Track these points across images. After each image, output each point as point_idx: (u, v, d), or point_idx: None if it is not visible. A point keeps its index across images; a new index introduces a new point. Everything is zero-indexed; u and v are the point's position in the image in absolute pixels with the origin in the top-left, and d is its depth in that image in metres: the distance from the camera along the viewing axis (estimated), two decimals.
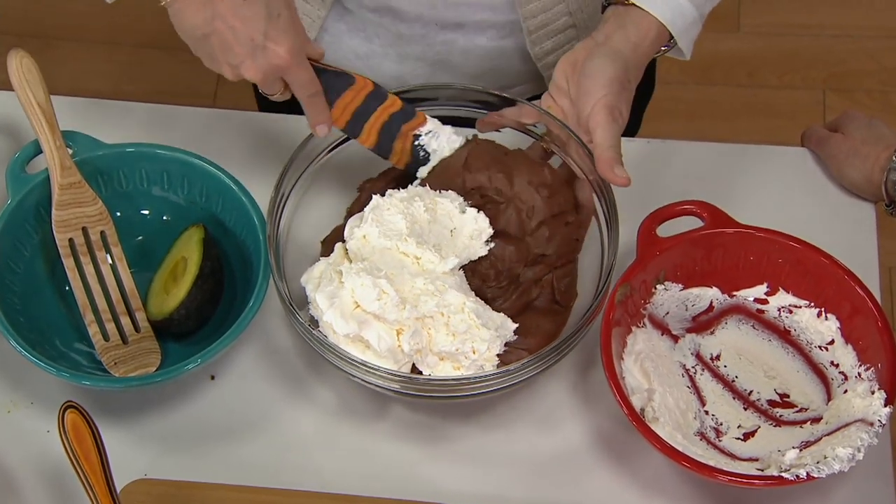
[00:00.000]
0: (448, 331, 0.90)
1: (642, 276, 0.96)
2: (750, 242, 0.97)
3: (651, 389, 0.92)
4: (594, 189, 0.97)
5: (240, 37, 0.90)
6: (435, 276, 0.93)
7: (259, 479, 0.93)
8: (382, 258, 0.93)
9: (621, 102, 0.96)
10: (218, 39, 0.90)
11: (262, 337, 0.99)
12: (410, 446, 0.95)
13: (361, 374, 0.90)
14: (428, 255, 0.93)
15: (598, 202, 0.97)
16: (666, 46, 1.02)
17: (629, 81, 0.97)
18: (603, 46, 0.98)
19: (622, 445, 0.94)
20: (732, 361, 0.98)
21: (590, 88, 0.96)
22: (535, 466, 0.94)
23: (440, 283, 0.92)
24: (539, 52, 1.10)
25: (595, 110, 0.95)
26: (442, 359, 0.91)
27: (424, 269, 0.93)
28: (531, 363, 0.89)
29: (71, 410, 0.87)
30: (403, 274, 0.92)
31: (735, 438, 0.93)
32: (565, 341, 0.90)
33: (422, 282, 0.91)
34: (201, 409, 0.97)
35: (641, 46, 0.98)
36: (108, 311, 0.98)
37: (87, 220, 0.99)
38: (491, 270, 0.96)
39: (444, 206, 0.96)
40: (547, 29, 1.08)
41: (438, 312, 0.90)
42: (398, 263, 0.93)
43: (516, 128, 1.01)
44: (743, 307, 0.99)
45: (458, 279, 0.94)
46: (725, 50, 2.09)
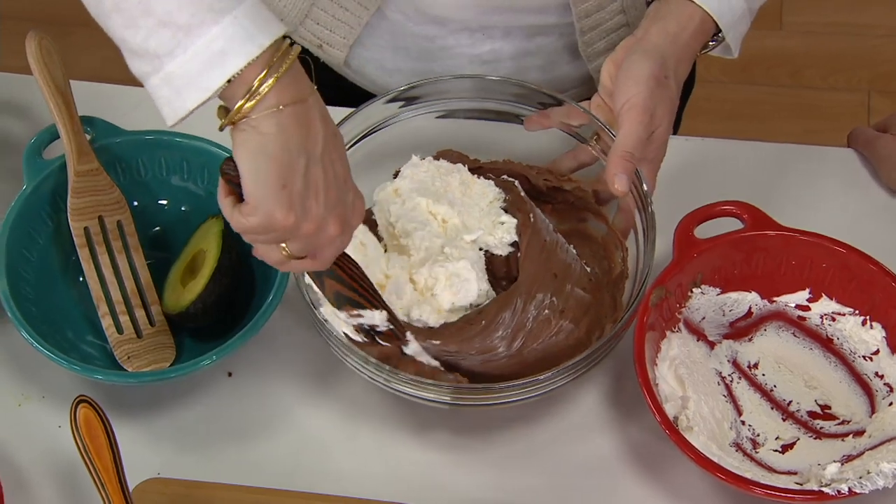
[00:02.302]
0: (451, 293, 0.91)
1: (678, 279, 0.95)
2: (792, 246, 0.96)
3: (685, 397, 0.91)
4: (632, 194, 0.96)
5: (339, 176, 0.77)
6: (456, 243, 0.92)
7: (275, 480, 0.92)
8: (408, 214, 0.93)
9: (656, 100, 0.94)
10: (320, 174, 0.75)
11: (280, 334, 0.99)
12: (433, 452, 0.94)
13: (382, 378, 0.89)
14: (455, 220, 0.93)
15: (635, 206, 0.96)
16: (713, 41, 1.00)
17: (666, 77, 0.95)
18: (641, 42, 0.97)
19: (654, 455, 0.93)
20: (771, 370, 0.96)
21: (622, 87, 0.95)
22: (562, 476, 0.93)
23: (458, 251, 0.92)
24: (591, 52, 1.08)
25: (623, 109, 0.94)
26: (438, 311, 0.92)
27: (447, 234, 0.93)
28: (561, 373, 0.88)
29: (84, 405, 0.86)
30: (425, 230, 0.92)
31: (773, 450, 0.92)
32: (597, 350, 0.89)
33: (440, 242, 0.91)
34: (217, 406, 0.96)
35: (681, 37, 0.97)
36: (122, 304, 0.98)
37: (104, 208, 0.98)
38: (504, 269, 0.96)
39: (481, 187, 0.95)
40: (600, 29, 1.07)
41: (445, 278, 0.91)
42: (423, 221, 0.93)
43: (563, 129, 1.00)
44: (783, 313, 0.98)
45: (477, 255, 0.94)
46: (767, 48, 2.08)
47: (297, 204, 0.75)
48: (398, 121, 1.01)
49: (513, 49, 1.07)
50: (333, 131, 0.77)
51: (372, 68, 1.10)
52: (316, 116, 0.75)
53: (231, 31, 0.71)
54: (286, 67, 0.73)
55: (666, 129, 0.96)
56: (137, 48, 0.73)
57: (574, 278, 0.94)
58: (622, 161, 0.92)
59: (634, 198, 0.95)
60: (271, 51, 0.73)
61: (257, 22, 0.72)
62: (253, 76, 0.72)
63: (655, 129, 0.95)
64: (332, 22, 1.07)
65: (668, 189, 1.03)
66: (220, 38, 0.71)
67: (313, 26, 1.08)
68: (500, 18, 1.04)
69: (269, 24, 0.73)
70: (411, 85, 1.00)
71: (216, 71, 0.72)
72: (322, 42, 1.08)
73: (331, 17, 1.07)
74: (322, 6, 1.06)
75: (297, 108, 0.74)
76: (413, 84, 1.00)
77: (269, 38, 0.72)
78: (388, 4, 1.04)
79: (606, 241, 0.99)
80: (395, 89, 0.99)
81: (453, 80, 1.00)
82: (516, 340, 0.92)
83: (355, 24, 1.06)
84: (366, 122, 0.99)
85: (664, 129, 0.95)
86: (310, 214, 0.76)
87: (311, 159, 0.75)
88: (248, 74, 0.72)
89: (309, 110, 0.75)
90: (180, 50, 0.71)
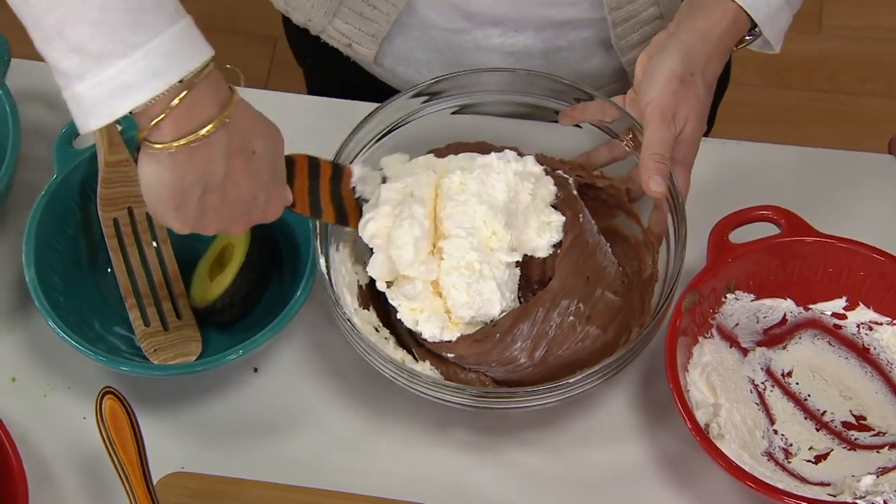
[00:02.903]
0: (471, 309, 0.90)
1: (712, 284, 0.94)
2: (830, 253, 0.95)
3: (717, 404, 0.91)
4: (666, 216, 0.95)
5: (243, 197, 0.81)
6: (490, 259, 0.91)
7: (300, 478, 0.92)
8: (460, 217, 0.91)
9: (678, 102, 0.93)
10: (218, 199, 0.80)
11: (307, 331, 0.98)
12: (457, 453, 0.94)
13: (403, 379, 0.89)
14: (502, 241, 0.91)
15: (667, 208, 0.95)
16: (750, 36, 0.98)
17: (692, 75, 0.94)
18: (671, 38, 0.95)
19: (684, 463, 0.92)
20: (805, 379, 0.95)
21: (646, 87, 0.94)
22: (587, 481, 0.93)
23: (489, 268, 0.90)
24: (624, 45, 1.07)
25: (647, 111, 0.93)
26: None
27: (489, 246, 0.92)
28: (586, 379, 0.87)
29: (109, 396, 0.86)
30: (466, 240, 0.90)
31: (805, 461, 0.91)
32: (623, 356, 0.88)
33: (475, 257, 0.90)
34: (242, 402, 0.96)
35: (712, 34, 0.95)
36: (149, 296, 0.98)
37: (134, 199, 0.98)
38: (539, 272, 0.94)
39: (547, 191, 0.95)
40: (633, 21, 1.05)
41: (467, 294, 0.89)
42: (469, 229, 0.91)
43: (597, 124, 0.99)
44: (819, 322, 0.97)
45: (508, 275, 0.92)
46: (805, 52, 2.05)
47: (193, 221, 0.81)
48: (422, 115, 1.00)
49: (544, 44, 1.06)
50: (247, 151, 0.79)
51: (402, 66, 1.10)
52: (217, 152, 0.77)
53: (140, 66, 0.73)
54: (178, 102, 0.74)
55: (693, 129, 0.94)
56: (52, 63, 0.76)
57: (607, 282, 0.94)
58: (654, 163, 0.92)
59: (667, 199, 0.94)
60: (183, 85, 0.74)
61: (171, 57, 0.74)
62: (158, 110, 0.74)
63: (680, 129, 0.94)
64: (361, 20, 1.07)
65: (704, 192, 1.02)
66: (128, 71, 0.73)
67: (342, 25, 1.08)
68: (533, 12, 1.04)
69: (185, 57, 0.74)
70: (438, 79, 0.98)
71: (120, 101, 0.74)
72: (351, 41, 1.08)
73: (359, 15, 1.06)
74: (350, 5, 1.06)
75: (192, 146, 0.76)
76: (441, 77, 0.99)
77: (179, 74, 0.74)
78: (419, 0, 1.04)
79: (638, 242, 0.98)
80: (424, 83, 0.98)
81: (483, 73, 0.99)
82: (538, 350, 0.91)
83: (384, 22, 1.06)
84: (393, 117, 0.98)
85: (692, 129, 0.94)
86: (207, 228, 0.82)
87: (207, 187, 0.79)
88: (153, 108, 0.74)
89: (207, 146, 0.77)
90: (90, 76, 0.74)
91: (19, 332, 0.99)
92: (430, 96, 0.99)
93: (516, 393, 0.89)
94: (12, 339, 0.99)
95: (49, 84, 1.09)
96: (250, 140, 0.80)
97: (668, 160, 0.92)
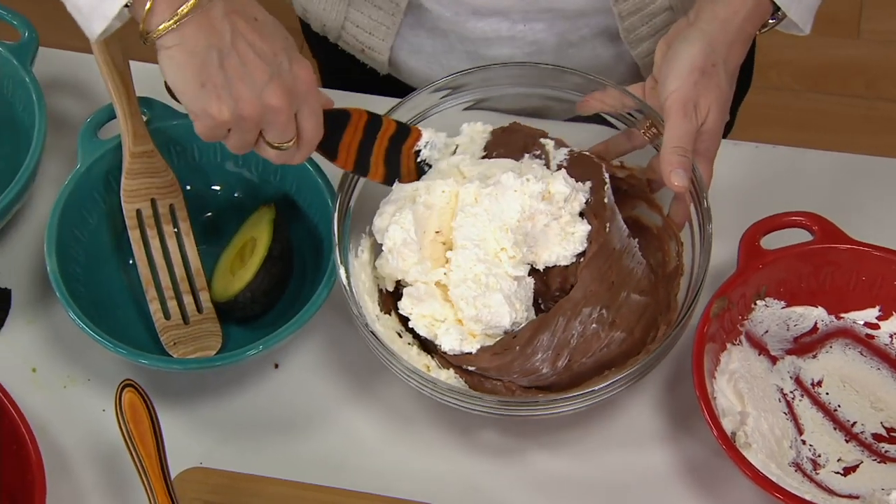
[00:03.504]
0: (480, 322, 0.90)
1: (742, 290, 0.93)
2: (864, 261, 0.94)
3: (744, 413, 0.90)
4: (689, 208, 0.94)
5: (263, 54, 0.81)
6: (496, 271, 0.90)
7: (318, 476, 0.91)
8: (469, 229, 0.91)
9: (699, 93, 0.92)
10: (237, 62, 0.81)
11: (330, 329, 0.98)
12: (476, 456, 0.93)
13: (427, 390, 0.89)
14: (512, 257, 0.91)
15: (691, 200, 0.94)
16: (773, 19, 0.96)
17: (713, 65, 0.92)
18: (690, 27, 0.94)
19: (709, 472, 0.92)
20: (835, 389, 0.94)
21: (666, 78, 0.93)
22: (610, 487, 0.92)
23: (494, 280, 0.90)
24: (634, 38, 1.06)
25: (667, 104, 0.92)
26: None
27: (497, 258, 0.91)
28: (611, 385, 0.87)
29: (129, 389, 0.86)
30: (472, 251, 0.90)
31: (834, 472, 0.90)
32: (649, 361, 0.87)
33: (482, 270, 0.90)
34: (262, 398, 0.96)
35: (733, 22, 0.93)
36: (170, 289, 0.98)
37: (157, 191, 0.99)
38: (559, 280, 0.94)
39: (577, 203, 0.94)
40: (641, 14, 1.04)
41: (474, 308, 0.89)
42: (477, 241, 0.91)
43: (615, 113, 0.98)
44: (851, 331, 0.96)
45: (517, 286, 0.91)
46: (842, 57, 2.04)
47: (224, 94, 0.82)
48: (440, 110, 0.99)
49: (556, 38, 1.06)
50: (248, 15, 0.82)
51: (415, 59, 1.10)
52: (216, 14, 0.81)
53: None
54: None
55: (716, 120, 0.93)
56: None
57: (633, 283, 0.93)
58: (677, 156, 0.91)
59: (690, 191, 0.93)
60: None
61: None
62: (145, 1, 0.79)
63: (702, 120, 0.92)
64: (370, 23, 1.07)
65: (736, 197, 1.02)
66: None
67: (353, 29, 1.08)
68: (540, 6, 1.03)
69: None
70: (455, 74, 0.98)
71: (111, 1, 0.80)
72: (364, 46, 1.08)
73: (367, 17, 1.07)
74: (357, 6, 1.06)
75: (191, 16, 0.80)
76: (460, 72, 0.98)
77: None
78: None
79: (661, 232, 0.97)
80: (441, 78, 0.98)
81: (501, 67, 0.99)
82: (560, 359, 0.90)
83: (391, 23, 1.06)
84: (411, 113, 0.98)
85: (713, 120, 0.93)
86: (242, 98, 0.82)
87: (221, 52, 0.81)
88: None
89: (205, 12, 0.80)
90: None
91: (40, 323, 0.99)
92: (450, 91, 0.99)
93: (538, 402, 0.88)
94: (33, 330, 0.99)
95: (76, 73, 1.11)
96: (247, 8, 0.82)
97: (691, 153, 0.91)
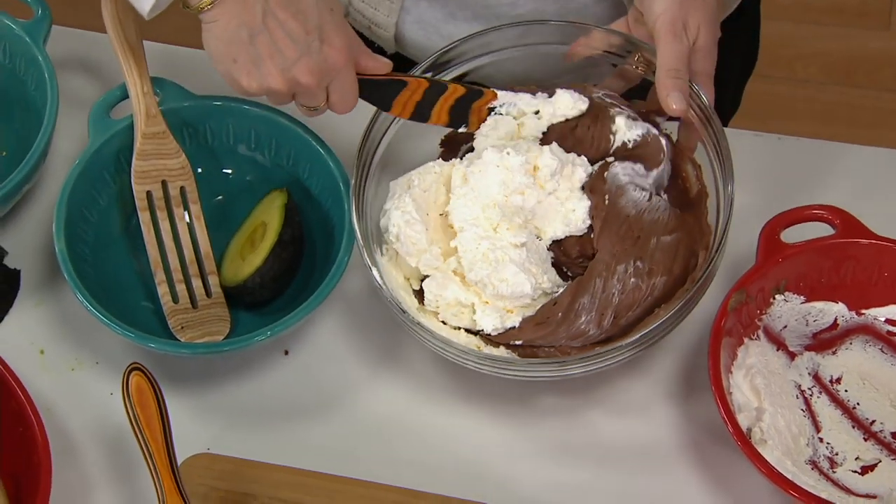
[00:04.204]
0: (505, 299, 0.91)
1: (760, 284, 0.92)
2: (886, 256, 0.93)
3: (761, 409, 0.89)
4: (693, 109, 0.93)
5: (293, 33, 0.86)
6: (500, 243, 0.91)
7: (327, 464, 0.91)
8: (457, 202, 0.92)
9: (686, 13, 0.91)
10: (267, 39, 0.86)
11: (341, 314, 0.98)
12: (491, 440, 0.93)
13: (487, 367, 0.89)
14: (509, 229, 0.92)
15: (699, 120, 0.93)
16: None
17: None
18: None
19: (723, 467, 0.91)
20: (855, 386, 0.94)
21: (651, 4, 0.92)
22: (621, 475, 0.92)
23: (501, 253, 0.90)
24: None
25: (656, 28, 0.91)
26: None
27: (494, 233, 0.92)
28: (667, 322, 0.87)
29: (136, 373, 0.86)
30: (471, 232, 0.91)
31: (851, 471, 0.90)
32: (698, 288, 0.87)
33: (486, 246, 0.90)
34: (272, 385, 0.96)
35: None
36: (179, 272, 0.98)
37: (168, 173, 0.98)
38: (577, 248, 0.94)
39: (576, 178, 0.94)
40: None
41: (486, 277, 0.90)
42: (472, 222, 0.92)
43: (604, 54, 0.97)
44: (872, 328, 0.95)
45: (525, 253, 0.92)
46: (872, 49, 2.02)
47: (253, 70, 0.87)
48: None
49: (556, 7, 1.05)
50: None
51: (420, 40, 1.09)
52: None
53: None
54: None
55: (707, 37, 0.92)
56: None
57: (660, 228, 0.92)
58: (671, 79, 0.90)
59: (696, 113, 0.92)
60: None
61: None
62: None
63: (693, 39, 0.92)
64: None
65: (756, 188, 1.01)
66: None
67: (359, 4, 1.07)
68: None
69: None
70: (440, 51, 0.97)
71: None
72: (370, 22, 1.08)
73: None
74: None
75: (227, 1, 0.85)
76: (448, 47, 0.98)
77: None
78: None
79: (674, 159, 0.96)
80: (430, 56, 0.97)
81: (477, 37, 0.98)
82: (605, 318, 0.90)
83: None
84: None
85: (704, 37, 0.92)
86: (270, 75, 0.87)
87: (252, 30, 0.86)
88: None
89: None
90: None
91: (49, 305, 0.99)
92: (437, 69, 0.98)
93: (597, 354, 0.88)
94: (41, 312, 0.99)
95: (89, 52, 1.11)
96: None
97: (686, 74, 0.91)
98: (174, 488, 0.84)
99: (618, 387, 0.95)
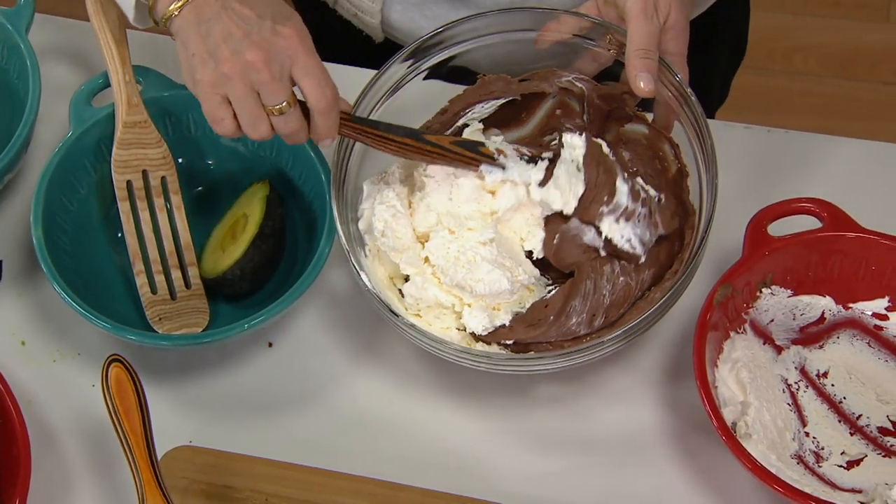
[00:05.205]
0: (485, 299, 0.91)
1: (747, 277, 0.92)
2: (873, 250, 0.93)
3: (746, 403, 0.89)
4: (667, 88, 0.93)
5: (244, 16, 0.87)
6: (468, 244, 0.91)
7: (310, 457, 0.91)
8: (420, 204, 0.94)
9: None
10: (221, 27, 0.87)
11: (326, 306, 0.98)
12: (474, 432, 0.94)
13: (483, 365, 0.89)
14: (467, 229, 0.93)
15: (674, 99, 0.93)
16: None
17: None
18: None
19: (707, 461, 0.91)
20: (841, 381, 0.94)
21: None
22: (607, 469, 0.92)
23: (472, 253, 0.91)
24: None
25: (626, 8, 0.91)
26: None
27: (459, 234, 0.92)
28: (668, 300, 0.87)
29: (116, 364, 0.86)
30: (438, 237, 0.92)
31: (837, 466, 0.90)
32: (687, 270, 0.88)
33: (455, 249, 0.91)
34: (255, 377, 0.96)
35: None
36: (158, 263, 0.98)
37: (149, 163, 0.98)
38: None
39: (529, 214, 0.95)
40: None
41: (466, 284, 0.90)
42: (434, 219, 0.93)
43: (575, 37, 0.97)
44: (859, 322, 0.95)
45: (496, 250, 0.92)
46: (870, 42, 2.02)
47: (208, 58, 0.88)
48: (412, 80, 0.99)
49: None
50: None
51: (405, 24, 1.09)
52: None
53: None
54: None
55: (678, 15, 0.92)
56: None
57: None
58: (639, 60, 0.90)
59: (671, 92, 0.92)
60: None
61: None
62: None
63: (664, 19, 0.92)
64: None
65: (744, 182, 1.01)
66: None
67: None
68: None
69: None
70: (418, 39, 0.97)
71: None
72: (357, 10, 1.08)
73: None
74: None
75: (189, 5, 0.89)
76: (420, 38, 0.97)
77: None
78: None
79: (651, 139, 0.96)
80: (407, 47, 0.97)
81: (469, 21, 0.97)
82: (596, 319, 0.91)
83: None
84: (389, 83, 0.98)
85: (676, 16, 0.92)
86: (222, 57, 0.87)
87: (210, 22, 0.88)
88: None
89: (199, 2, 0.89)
90: None
91: (30, 296, 0.99)
92: (416, 58, 0.98)
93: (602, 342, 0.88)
94: (23, 303, 0.99)
95: (72, 40, 1.11)
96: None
97: (655, 54, 0.91)
98: (153, 480, 0.84)
99: (604, 377, 0.95)
